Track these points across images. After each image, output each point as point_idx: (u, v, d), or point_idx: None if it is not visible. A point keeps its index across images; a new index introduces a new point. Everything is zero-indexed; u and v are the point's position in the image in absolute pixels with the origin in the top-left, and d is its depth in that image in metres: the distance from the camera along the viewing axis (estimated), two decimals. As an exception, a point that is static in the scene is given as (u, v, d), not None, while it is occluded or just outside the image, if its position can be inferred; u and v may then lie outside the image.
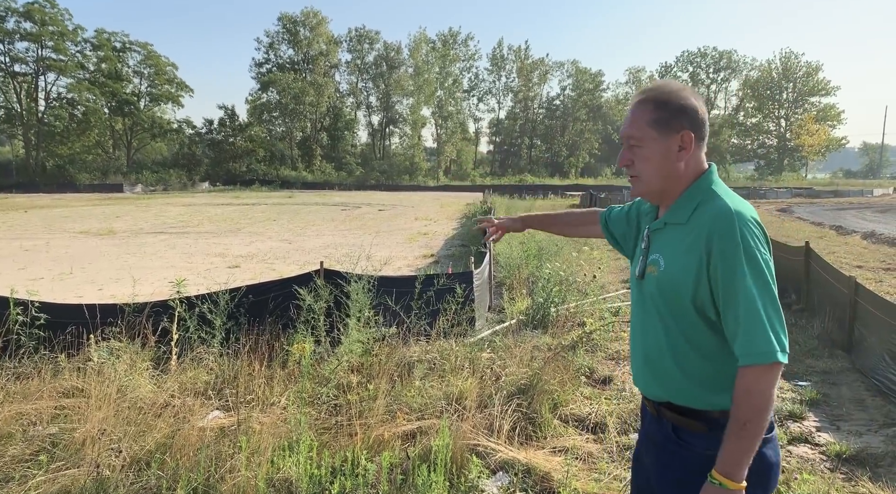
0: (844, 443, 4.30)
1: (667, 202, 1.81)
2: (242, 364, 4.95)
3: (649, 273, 1.77)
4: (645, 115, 1.74)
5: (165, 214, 27.59)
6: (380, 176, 66.25)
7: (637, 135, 1.76)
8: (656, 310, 1.75)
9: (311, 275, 6.03)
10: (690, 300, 1.66)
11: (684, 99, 1.73)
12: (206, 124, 66.55)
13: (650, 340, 1.78)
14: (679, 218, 1.74)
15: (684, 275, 1.65)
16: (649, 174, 1.77)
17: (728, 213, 1.63)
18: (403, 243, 17.19)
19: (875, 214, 30.41)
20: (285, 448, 3.69)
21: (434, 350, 5.73)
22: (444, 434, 3.73)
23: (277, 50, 73.81)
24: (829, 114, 78.39)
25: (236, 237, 18.35)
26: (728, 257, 1.59)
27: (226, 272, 11.59)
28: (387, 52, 74.51)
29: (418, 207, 33.14)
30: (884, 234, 19.63)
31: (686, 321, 1.69)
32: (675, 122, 1.72)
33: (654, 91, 1.77)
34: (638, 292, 1.84)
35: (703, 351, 1.69)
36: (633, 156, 1.78)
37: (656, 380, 1.79)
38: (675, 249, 1.71)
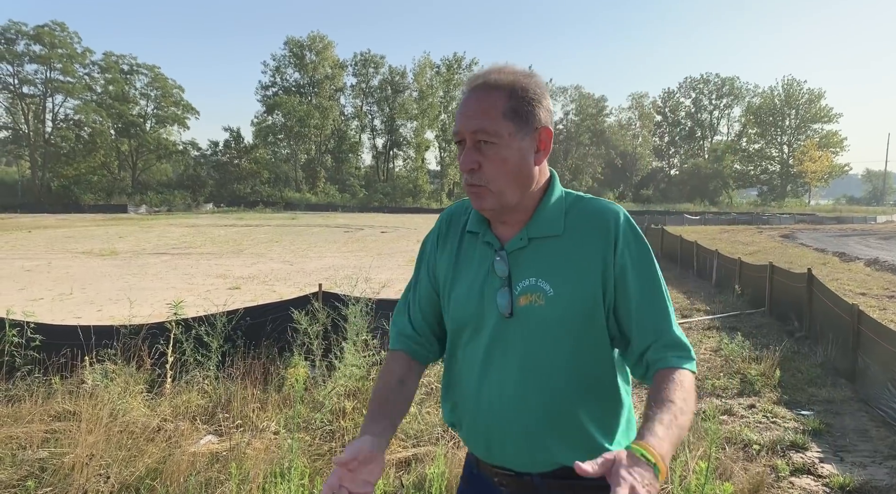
0: (848, 475, 4.22)
1: (515, 217, 1.42)
2: (237, 388, 4.90)
3: (526, 305, 1.35)
4: (499, 103, 1.32)
5: (168, 235, 27.66)
6: (383, 198, 66.48)
7: (491, 128, 1.32)
8: (552, 348, 1.34)
9: (309, 298, 5.99)
10: (604, 321, 1.35)
11: (539, 86, 1.38)
12: (212, 146, 67.15)
13: (541, 392, 1.35)
14: (551, 229, 1.39)
15: (591, 292, 1.34)
16: (504, 181, 1.34)
17: (616, 210, 1.39)
18: (405, 265, 17.16)
19: (879, 240, 30.32)
20: (277, 474, 3.62)
21: (432, 375, 5.67)
22: (440, 462, 3.67)
23: (283, 73, 74.61)
24: (831, 141, 78.62)
25: (238, 259, 18.35)
26: (640, 257, 1.36)
27: (226, 294, 11.56)
28: (392, 76, 75.25)
29: (420, 229, 33.16)
30: (887, 261, 19.54)
31: (591, 353, 1.37)
32: (533, 116, 1.35)
33: (501, 74, 1.36)
34: (505, 335, 1.37)
35: (609, 383, 1.40)
36: (482, 157, 1.33)
37: (556, 443, 1.36)
38: (561, 265, 1.36)
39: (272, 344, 5.77)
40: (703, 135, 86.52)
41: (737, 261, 12.98)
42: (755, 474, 4.03)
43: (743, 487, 3.85)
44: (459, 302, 1.44)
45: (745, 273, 12.32)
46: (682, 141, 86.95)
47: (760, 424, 5.31)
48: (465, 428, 1.48)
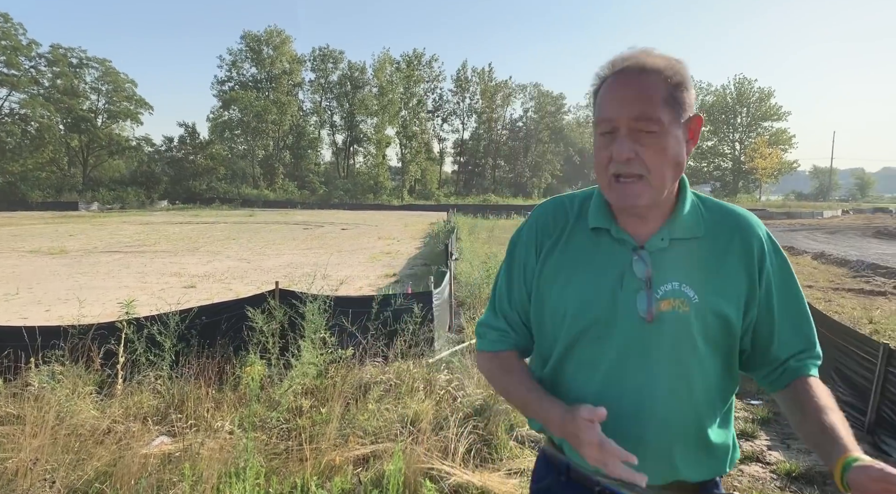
0: (794, 462, 4.36)
1: (653, 212, 1.33)
2: (191, 388, 4.81)
3: (670, 311, 1.27)
4: (659, 91, 1.22)
5: (121, 232, 26.94)
6: (343, 195, 65.92)
7: (654, 115, 1.21)
8: (693, 358, 1.27)
9: (266, 296, 5.91)
10: (739, 335, 1.31)
11: (688, 72, 1.28)
12: (166, 142, 65.57)
13: (677, 402, 1.28)
14: (693, 231, 1.32)
15: (734, 305, 1.27)
16: (665, 173, 1.25)
17: (757, 221, 1.35)
18: (365, 262, 17.06)
19: (825, 235, 31.38)
20: (232, 474, 3.56)
21: (391, 372, 5.66)
22: (398, 458, 3.66)
23: (240, 68, 73.24)
24: (780, 138, 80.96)
25: (194, 257, 17.99)
26: (783, 269, 1.33)
27: (181, 292, 11.31)
28: (351, 71, 74.63)
29: (382, 226, 33.02)
30: (833, 254, 20.24)
31: (724, 367, 1.32)
32: (687, 102, 1.26)
33: (657, 59, 1.25)
34: (643, 340, 1.28)
35: (731, 400, 1.39)
36: (641, 147, 1.23)
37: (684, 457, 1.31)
38: (705, 272, 1.29)
39: (228, 343, 5.68)
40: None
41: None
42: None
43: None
44: (584, 300, 1.33)
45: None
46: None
47: (712, 414, 5.45)
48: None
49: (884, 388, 5.15)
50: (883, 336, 8.24)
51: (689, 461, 1.31)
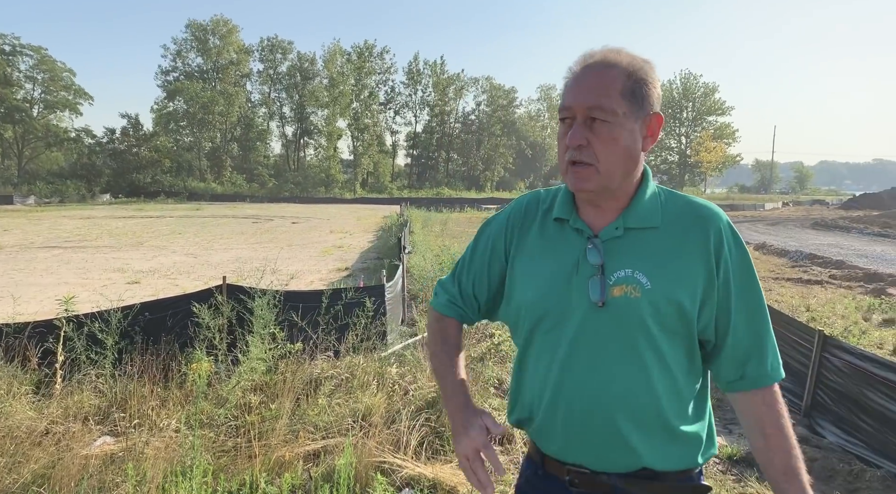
0: (735, 446, 4.51)
1: (611, 204, 1.38)
2: (135, 386, 4.68)
3: (621, 296, 1.30)
4: (616, 83, 1.28)
5: (60, 227, 25.94)
6: (294, 188, 64.96)
7: (608, 106, 1.27)
8: (646, 343, 1.30)
9: (212, 291, 5.78)
10: (695, 321, 1.32)
11: (655, 73, 1.34)
12: (108, 133, 63.21)
13: (631, 385, 1.31)
14: (649, 221, 1.35)
15: (689, 294, 1.29)
16: (614, 162, 1.30)
17: (720, 212, 1.36)
18: (317, 256, 16.87)
19: (767, 226, 32.51)
20: (178, 473, 3.48)
21: (342, 366, 5.61)
22: (349, 453, 3.64)
23: (185, 58, 71.27)
24: (724, 132, 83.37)
25: (138, 252, 17.47)
26: (742, 263, 1.33)
27: (124, 289, 10.98)
28: (300, 62, 73.42)
29: (334, 219, 32.69)
30: (774, 245, 20.99)
31: (684, 354, 1.34)
32: (647, 100, 1.31)
33: (620, 55, 1.32)
34: (595, 325, 1.32)
35: (697, 386, 1.38)
36: (592, 135, 1.28)
37: (646, 439, 1.32)
38: (659, 260, 1.31)
39: (173, 340, 5.53)
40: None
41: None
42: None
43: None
44: (541, 290, 1.38)
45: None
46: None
47: (658, 401, 5.59)
48: (537, 423, 1.42)
49: (819, 373, 5.37)
50: (819, 324, 8.59)
51: (652, 448, 1.32)
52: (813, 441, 4.88)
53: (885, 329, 9.03)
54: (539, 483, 1.45)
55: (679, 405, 1.33)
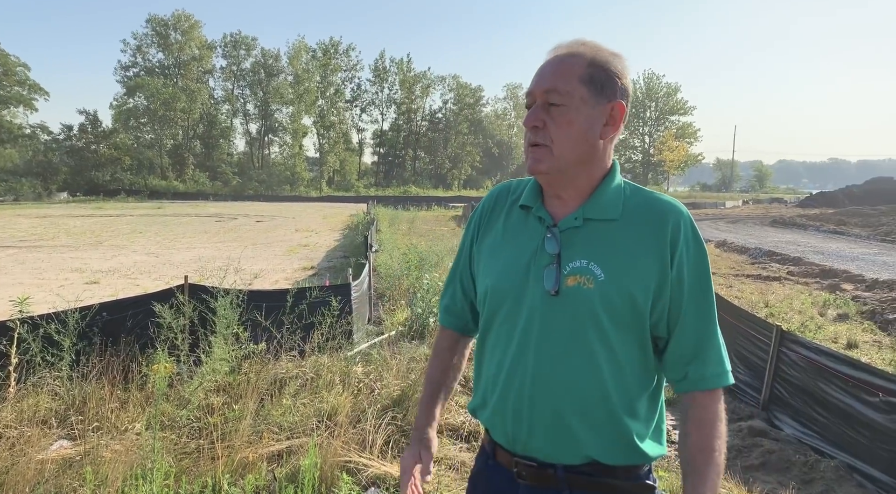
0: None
1: (572, 194, 1.38)
2: (93, 388, 4.57)
3: (574, 286, 1.30)
4: (576, 69, 1.30)
5: (15, 226, 25.18)
6: (258, 186, 64.13)
7: (563, 89, 1.29)
8: (596, 335, 1.29)
9: (174, 291, 5.68)
10: (648, 316, 1.31)
11: (622, 65, 1.35)
12: (65, 130, 61.55)
13: (579, 376, 1.30)
14: (607, 212, 1.34)
15: (642, 287, 1.29)
16: (567, 144, 1.31)
17: (682, 207, 1.35)
18: (282, 255, 16.69)
19: (727, 224, 33.20)
20: (138, 476, 3.41)
21: (307, 366, 5.56)
22: (313, 453, 3.61)
23: (146, 53, 69.78)
24: (687, 132, 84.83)
25: (97, 251, 17.07)
26: (697, 262, 1.32)
27: (82, 289, 10.72)
28: (264, 58, 72.41)
29: (299, 218, 32.38)
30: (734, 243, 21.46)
31: (635, 347, 1.32)
32: (609, 88, 1.32)
33: (585, 46, 1.34)
34: (547, 313, 1.32)
35: (651, 385, 1.36)
36: (549, 117, 1.31)
37: (588, 433, 1.31)
38: (614, 252, 1.31)
39: (133, 341, 5.42)
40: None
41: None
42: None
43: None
44: (500, 276, 1.39)
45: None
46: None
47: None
48: (489, 411, 1.42)
49: (777, 367, 5.51)
50: (777, 319, 8.81)
51: (598, 440, 1.31)
52: (771, 433, 5.01)
53: (839, 324, 9.32)
54: (489, 473, 1.45)
55: (628, 400, 1.32)
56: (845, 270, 14.76)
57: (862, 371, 4.56)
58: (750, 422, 5.19)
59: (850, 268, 15.20)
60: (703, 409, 1.31)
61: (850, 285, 12.83)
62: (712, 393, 1.33)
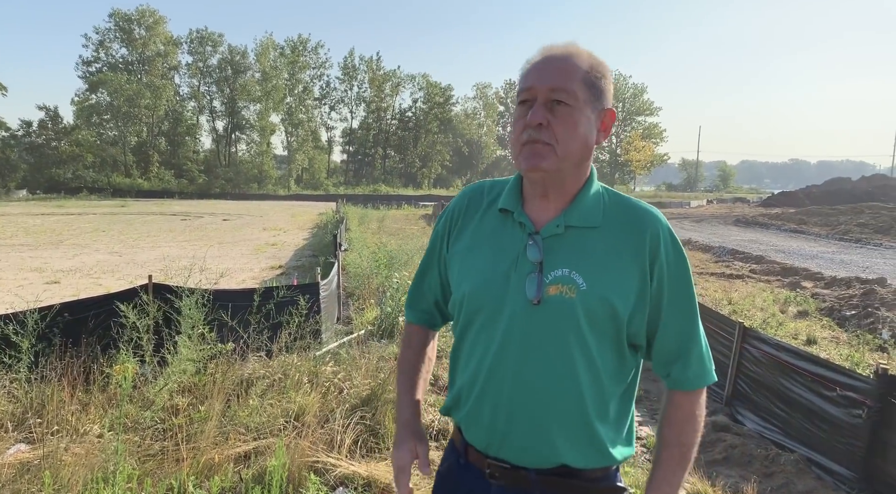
0: (662, 434, 4.67)
1: (556, 196, 1.38)
2: (53, 390, 4.46)
3: (556, 295, 1.30)
4: (579, 71, 1.30)
5: (-29, 224, 24.46)
6: (225, 184, 63.22)
7: (571, 89, 1.28)
8: (577, 344, 1.30)
9: (137, 290, 5.57)
10: (626, 325, 1.32)
11: (610, 74, 1.38)
12: (24, 126, 59.82)
13: (558, 385, 1.32)
14: (590, 220, 1.35)
15: (623, 295, 1.30)
16: (571, 145, 1.30)
17: (660, 215, 1.37)
18: (249, 254, 16.49)
19: (692, 223, 33.77)
20: (100, 480, 3.34)
21: (275, 366, 5.51)
22: (280, 453, 3.58)
23: (109, 48, 68.25)
24: (652, 132, 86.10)
25: (57, 250, 16.66)
26: (677, 267, 1.34)
27: (42, 288, 10.45)
28: (231, 55, 71.34)
29: (267, 216, 32.02)
30: (699, 241, 21.84)
31: (613, 354, 1.34)
32: (604, 95, 1.35)
33: (582, 50, 1.35)
34: (528, 322, 1.32)
35: (623, 389, 1.39)
36: (553, 116, 1.29)
37: (568, 439, 1.33)
38: (596, 261, 1.32)
39: (95, 342, 5.30)
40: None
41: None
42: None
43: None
44: (480, 283, 1.38)
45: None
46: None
47: (589, 393, 5.73)
48: (465, 413, 1.43)
49: (739, 363, 5.62)
50: (740, 316, 8.99)
51: (572, 446, 1.33)
52: (734, 428, 5.11)
53: (799, 321, 9.55)
54: (459, 472, 1.47)
55: (602, 406, 1.34)
56: (805, 268, 15.13)
57: (821, 367, 4.68)
58: (713, 417, 5.29)
59: (809, 266, 15.59)
60: (680, 408, 1.38)
61: (809, 283, 13.15)
62: (692, 393, 1.39)
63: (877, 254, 19.79)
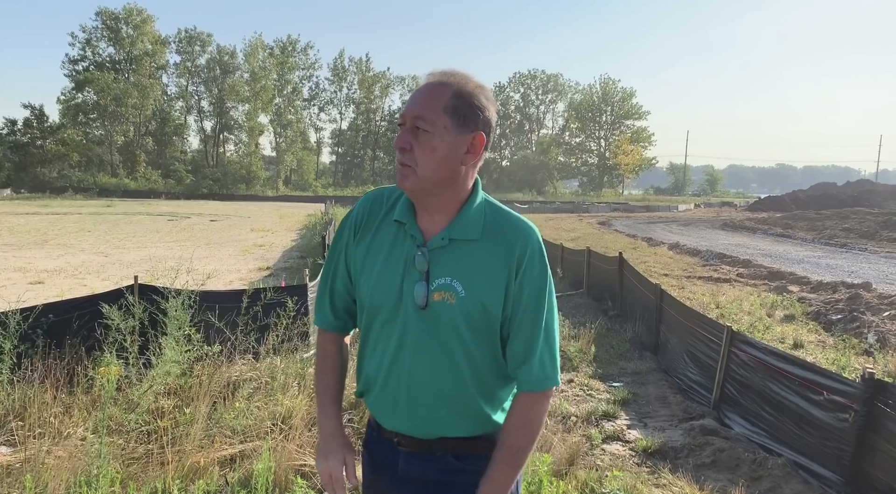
0: (650, 439, 4.67)
1: (441, 211, 1.55)
2: (35, 392, 4.39)
3: (439, 301, 1.49)
4: (442, 99, 1.46)
5: (-46, 223, 24.14)
6: (213, 185, 62.91)
7: (429, 117, 1.45)
8: (457, 342, 1.51)
9: (123, 291, 5.51)
10: (499, 324, 1.52)
11: (486, 98, 1.51)
12: (8, 125, 59.26)
13: (444, 377, 1.53)
14: (470, 233, 1.53)
15: (494, 298, 1.49)
16: (429, 167, 1.46)
17: (532, 229, 1.55)
18: (237, 255, 16.40)
19: (680, 227, 33.97)
20: (83, 483, 3.29)
21: (262, 368, 5.46)
22: (267, 457, 3.55)
23: (96, 47, 67.79)
24: (641, 136, 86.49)
25: (42, 250, 16.48)
26: (536, 278, 1.51)
27: (25, 289, 10.32)
28: (220, 55, 71.08)
29: (255, 217, 31.88)
30: (686, 245, 21.96)
31: (489, 348, 1.54)
32: (472, 119, 1.48)
33: (454, 77, 1.49)
34: (418, 324, 1.52)
35: (503, 375, 1.58)
36: (415, 141, 1.46)
37: (454, 419, 1.56)
38: (473, 270, 1.51)
39: (79, 343, 5.23)
40: (531, 128, 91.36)
41: (559, 246, 13.89)
42: (572, 444, 4.33)
43: (560, 457, 4.12)
44: (378, 287, 1.55)
45: (567, 257, 13.22)
46: (512, 134, 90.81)
47: (578, 397, 5.72)
48: (373, 399, 1.63)
49: (727, 367, 5.64)
50: (727, 320, 9.03)
51: (462, 423, 1.56)
52: (721, 432, 5.12)
53: (786, 325, 9.61)
54: (378, 442, 1.68)
55: (484, 389, 1.55)
56: (792, 272, 15.24)
57: (808, 371, 4.69)
58: (701, 421, 5.29)
59: (796, 270, 15.71)
60: (521, 408, 1.55)
61: (796, 287, 13.24)
62: (533, 395, 1.54)
63: (862, 259, 19.97)
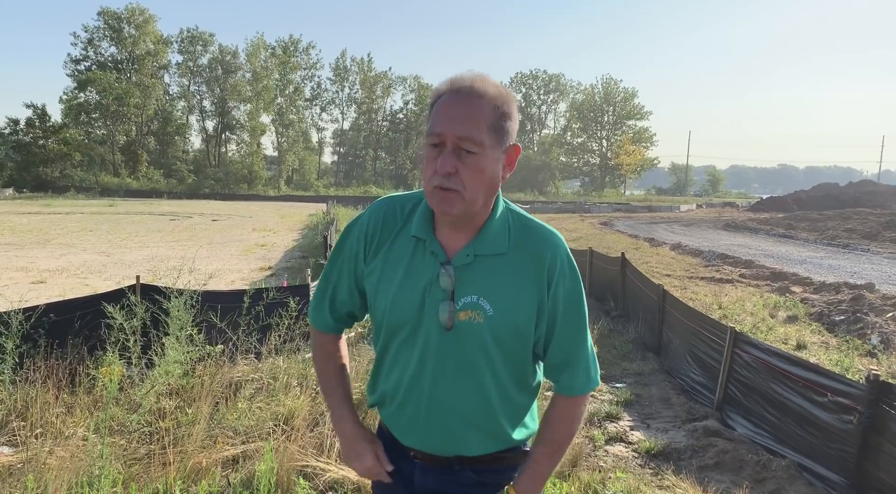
0: (653, 440, 4.65)
1: (466, 226, 1.47)
2: (38, 392, 4.39)
3: (466, 321, 1.43)
4: (484, 117, 1.35)
5: (-44, 223, 24.17)
6: (215, 184, 62.91)
7: (477, 138, 1.34)
8: (485, 362, 1.45)
9: (125, 291, 5.50)
10: (531, 342, 1.48)
11: (515, 104, 1.44)
12: (11, 124, 59.21)
13: (468, 399, 1.48)
14: (496, 247, 1.46)
15: (525, 317, 1.44)
16: (478, 191, 1.38)
17: (559, 239, 1.50)
18: (238, 255, 16.40)
19: (682, 227, 33.92)
20: (84, 484, 3.28)
21: (264, 369, 5.45)
22: (269, 457, 3.54)
23: (98, 47, 67.79)
24: (643, 136, 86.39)
25: (44, 250, 16.49)
26: (570, 290, 1.48)
27: (27, 288, 10.32)
28: (222, 55, 71.08)
29: (257, 217, 31.87)
30: (689, 245, 21.92)
31: (517, 365, 1.50)
32: (509, 132, 1.40)
33: (490, 85, 1.39)
34: (441, 345, 1.45)
35: (528, 391, 1.57)
36: (461, 164, 1.35)
37: (475, 439, 1.52)
38: (502, 287, 1.44)
39: (81, 343, 5.23)
40: (532, 128, 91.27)
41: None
42: (575, 445, 4.31)
43: (563, 458, 4.10)
44: (397, 306, 1.48)
45: (569, 258, 13.16)
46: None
47: (580, 397, 5.71)
48: (389, 413, 1.59)
49: (730, 368, 5.62)
50: (730, 320, 9.01)
51: (480, 442, 1.52)
52: (725, 433, 5.10)
53: (789, 326, 9.58)
54: (392, 450, 1.63)
55: (509, 409, 1.52)
56: (794, 273, 15.21)
57: (812, 372, 4.67)
58: (705, 422, 5.28)
59: (798, 271, 15.67)
60: (562, 411, 1.55)
61: (798, 288, 13.21)
62: (576, 398, 1.55)
63: (864, 259, 19.93)
